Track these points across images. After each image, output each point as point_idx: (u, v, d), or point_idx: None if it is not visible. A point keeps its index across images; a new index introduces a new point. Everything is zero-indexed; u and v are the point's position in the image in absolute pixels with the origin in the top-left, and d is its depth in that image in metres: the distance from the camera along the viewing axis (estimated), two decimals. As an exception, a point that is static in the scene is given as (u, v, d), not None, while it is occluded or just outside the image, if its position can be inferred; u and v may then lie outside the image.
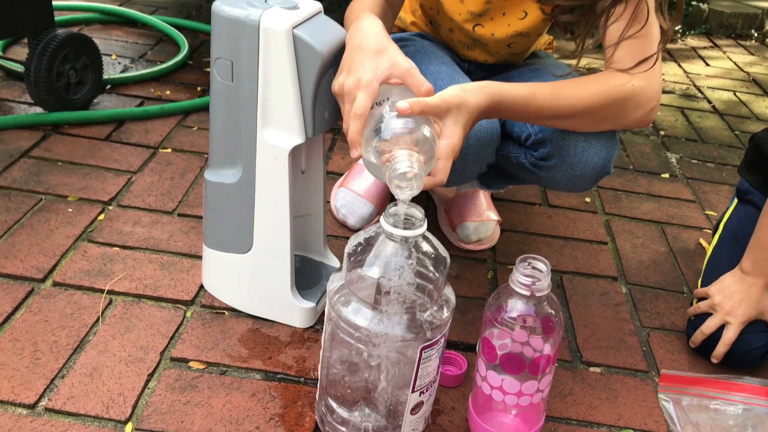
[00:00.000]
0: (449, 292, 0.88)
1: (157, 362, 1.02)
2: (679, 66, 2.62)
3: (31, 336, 1.03)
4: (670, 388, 0.93)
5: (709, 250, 1.26)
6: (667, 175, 1.79)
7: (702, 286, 1.20)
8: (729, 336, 1.08)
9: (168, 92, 1.85)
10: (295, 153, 1.02)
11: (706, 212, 1.63)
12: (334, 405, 0.91)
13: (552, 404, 1.04)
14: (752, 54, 2.93)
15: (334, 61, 0.96)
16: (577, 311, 1.25)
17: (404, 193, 0.80)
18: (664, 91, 2.35)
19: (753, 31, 3.13)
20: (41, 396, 0.94)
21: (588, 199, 1.62)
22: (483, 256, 1.37)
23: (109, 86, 1.82)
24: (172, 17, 2.34)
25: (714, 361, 1.10)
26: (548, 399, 1.04)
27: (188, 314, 1.12)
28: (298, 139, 0.98)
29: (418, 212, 0.82)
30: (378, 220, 0.83)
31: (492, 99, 0.91)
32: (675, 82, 2.46)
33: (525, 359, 0.86)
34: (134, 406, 0.95)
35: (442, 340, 0.85)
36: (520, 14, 1.16)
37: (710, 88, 2.44)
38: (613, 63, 1.00)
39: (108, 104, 1.74)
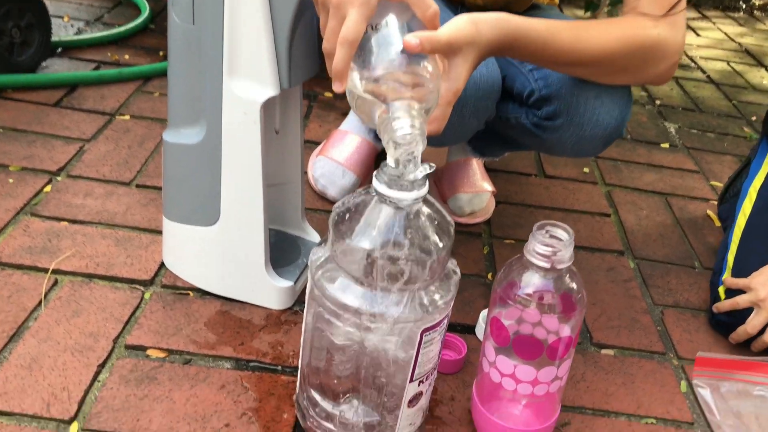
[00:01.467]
0: (453, 265, 0.75)
1: (109, 351, 0.88)
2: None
3: (-41, 323, 0.88)
4: (707, 372, 0.82)
5: (740, 226, 1.11)
6: (666, 145, 1.68)
7: (734, 269, 1.06)
8: None
9: (127, 57, 1.68)
10: (267, 108, 0.87)
11: (711, 183, 1.53)
12: (317, 397, 0.78)
13: (564, 391, 0.92)
14: (741, 25, 2.84)
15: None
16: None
17: (402, 154, 0.66)
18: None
19: (741, 2, 3.05)
20: (-32, 393, 0.79)
21: (587, 170, 1.51)
22: (477, 230, 1.24)
23: (60, 49, 1.65)
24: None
25: (754, 350, 0.98)
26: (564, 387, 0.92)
27: (147, 296, 0.98)
28: (271, 90, 0.84)
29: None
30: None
31: (507, 36, 0.77)
32: (666, 51, 2.36)
33: (542, 342, 0.74)
34: (81, 403, 0.80)
35: (445, 321, 0.72)
36: None
37: (703, 58, 2.34)
38: (638, 6, 0.88)
39: (59, 68, 1.57)
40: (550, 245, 0.71)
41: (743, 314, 0.99)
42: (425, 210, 0.70)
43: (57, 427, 0.77)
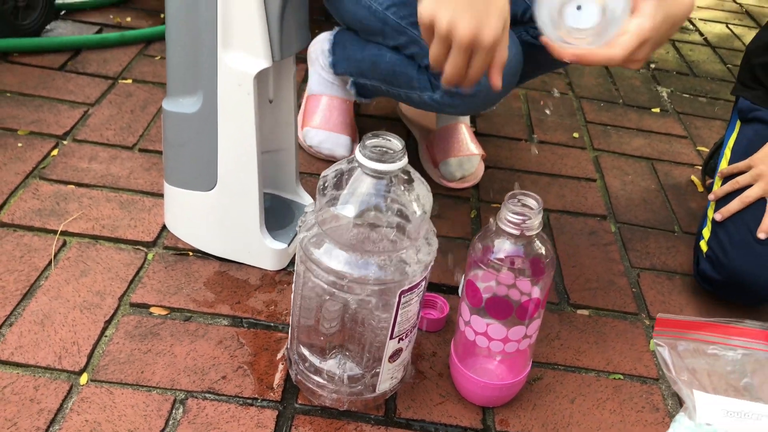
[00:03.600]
0: (431, 232, 0.80)
1: (115, 308, 0.94)
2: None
3: (-25, 281, 0.95)
4: (666, 332, 0.88)
5: (717, 185, 1.16)
6: (657, 110, 1.71)
7: (716, 228, 1.09)
8: None
9: (129, 19, 1.71)
10: (261, 79, 0.92)
11: (698, 148, 1.57)
12: (306, 353, 0.85)
13: (538, 349, 0.99)
14: (745, -15, 2.81)
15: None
16: (564, 251, 1.19)
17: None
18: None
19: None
20: (-14, 346, 0.86)
21: (576, 135, 1.55)
22: (466, 194, 1.30)
23: (63, 12, 1.68)
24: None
25: (761, 236, 1.01)
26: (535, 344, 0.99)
27: (149, 256, 1.04)
28: (263, 62, 0.89)
29: (398, 143, 0.74)
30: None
31: None
32: (666, 13, 2.36)
33: (512, 303, 0.80)
34: (90, 356, 0.87)
35: (423, 283, 0.78)
36: None
37: (702, 20, 2.35)
38: None
39: (63, 31, 1.61)
40: (520, 213, 0.76)
41: (729, 274, 1.03)
42: (405, 180, 0.75)
43: (68, 377, 0.84)
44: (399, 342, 0.81)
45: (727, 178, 1.12)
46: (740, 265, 1.02)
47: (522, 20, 1.01)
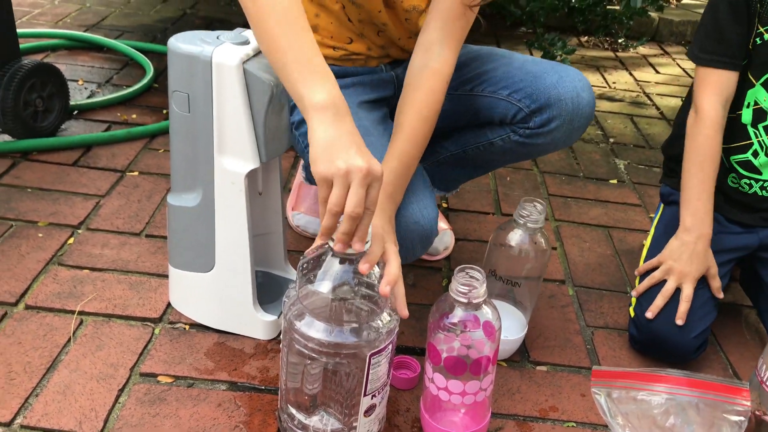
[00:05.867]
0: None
1: (127, 378, 1.08)
2: (630, 74, 2.73)
3: (5, 358, 1.09)
4: (602, 382, 1.01)
5: (645, 250, 1.35)
6: (615, 181, 1.88)
7: (640, 293, 1.27)
8: (687, 293, 1.18)
9: (134, 116, 1.90)
10: (251, 177, 1.09)
11: (651, 215, 1.73)
12: (294, 411, 0.98)
13: (501, 402, 1.12)
14: (701, 59, 3.04)
15: (282, 90, 1.03)
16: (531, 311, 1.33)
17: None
18: (614, 99, 2.46)
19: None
20: (16, 414, 1.00)
21: (539, 207, 1.71)
22: (438, 265, 1.45)
23: (76, 112, 1.87)
24: (137, 41, 2.39)
25: (679, 322, 1.17)
26: (497, 397, 1.12)
27: (156, 331, 1.18)
28: (252, 164, 1.05)
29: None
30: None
31: (392, 200, 1.00)
32: (626, 90, 2.57)
33: (467, 361, 0.94)
34: (106, 420, 1.00)
35: (390, 346, 0.93)
36: None
37: (659, 95, 2.55)
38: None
39: (75, 130, 1.79)
40: (467, 284, 0.91)
41: (654, 329, 1.19)
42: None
43: (87, 439, 0.97)
44: (372, 398, 0.95)
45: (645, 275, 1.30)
46: (656, 327, 1.19)
47: (511, 122, 1.18)
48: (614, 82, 2.62)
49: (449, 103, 1.16)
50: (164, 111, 1.93)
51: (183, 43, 1.01)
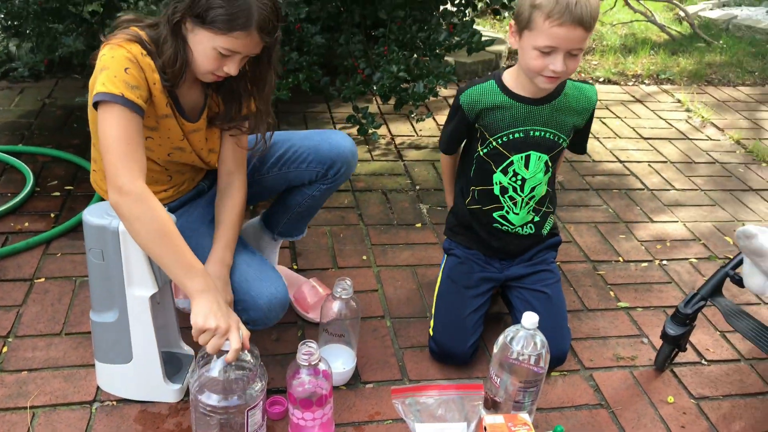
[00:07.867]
0: (263, 371, 1.49)
1: (81, 449, 1.54)
2: (434, 119, 3.39)
3: (-14, 452, 1.51)
4: (399, 396, 1.60)
5: (435, 292, 1.95)
6: (419, 225, 2.51)
7: (434, 318, 1.86)
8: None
9: (26, 224, 2.27)
10: (153, 296, 1.57)
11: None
12: (205, 450, 1.50)
13: (342, 414, 1.69)
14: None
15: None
16: (357, 347, 1.91)
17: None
18: (420, 147, 3.08)
19: (490, 73, 4.00)
20: (9, 490, 1.43)
21: (365, 257, 2.29)
22: (293, 319, 1.99)
23: (-26, 228, 2.21)
24: (6, 144, 2.70)
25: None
26: (339, 411, 1.69)
27: (93, 410, 1.64)
28: (152, 290, 1.54)
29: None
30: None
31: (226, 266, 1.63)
32: (429, 136, 3.22)
33: (313, 399, 1.50)
34: (74, 482, 1.47)
35: (261, 402, 1.46)
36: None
37: (455, 135, 3.22)
38: None
39: (-21, 246, 2.14)
40: (307, 353, 1.47)
41: (443, 344, 1.82)
42: (242, 352, 1.44)
43: (65, 497, 1.43)
44: (256, 433, 1.48)
45: None
46: (444, 342, 1.80)
47: (316, 180, 1.87)
48: (420, 130, 3.26)
49: (269, 181, 1.85)
50: (52, 215, 2.31)
51: (94, 217, 1.48)
